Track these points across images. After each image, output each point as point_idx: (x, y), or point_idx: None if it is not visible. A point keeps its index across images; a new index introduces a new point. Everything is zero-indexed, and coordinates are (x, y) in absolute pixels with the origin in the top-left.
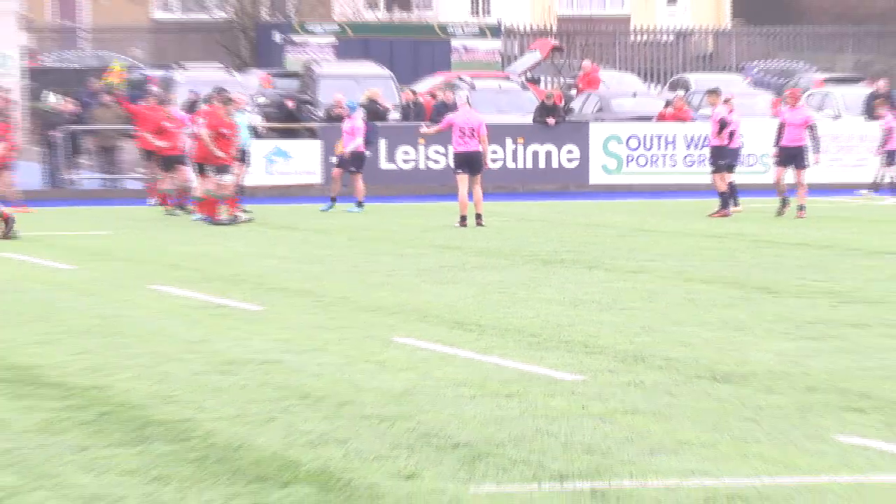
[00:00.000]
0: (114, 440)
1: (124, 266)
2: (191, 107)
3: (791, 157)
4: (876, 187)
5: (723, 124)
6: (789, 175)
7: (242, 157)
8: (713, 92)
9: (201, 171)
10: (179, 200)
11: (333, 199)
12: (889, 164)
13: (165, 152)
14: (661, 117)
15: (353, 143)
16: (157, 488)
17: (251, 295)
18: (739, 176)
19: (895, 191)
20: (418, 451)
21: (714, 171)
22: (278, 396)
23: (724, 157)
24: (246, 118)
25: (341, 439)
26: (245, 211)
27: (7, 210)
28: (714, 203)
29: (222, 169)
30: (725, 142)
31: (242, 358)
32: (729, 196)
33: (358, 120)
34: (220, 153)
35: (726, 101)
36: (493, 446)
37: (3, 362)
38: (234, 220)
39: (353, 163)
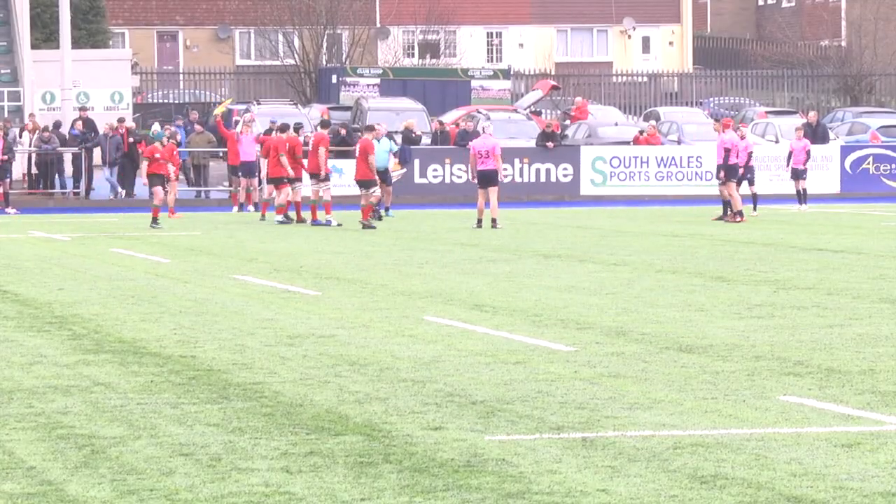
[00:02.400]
0: (201, 398)
1: (211, 259)
2: (267, 132)
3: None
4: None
5: (728, 149)
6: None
7: (385, 176)
8: (717, 120)
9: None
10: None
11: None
12: (795, 178)
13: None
14: (636, 141)
15: (390, 162)
16: (235, 437)
17: (311, 282)
18: (697, 188)
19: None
20: (444, 408)
21: (722, 184)
22: (332, 363)
23: (735, 174)
24: (386, 144)
25: (382, 398)
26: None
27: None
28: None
29: (369, 184)
30: (732, 161)
31: (304, 333)
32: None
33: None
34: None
35: (736, 129)
36: (503, 403)
37: (113, 336)
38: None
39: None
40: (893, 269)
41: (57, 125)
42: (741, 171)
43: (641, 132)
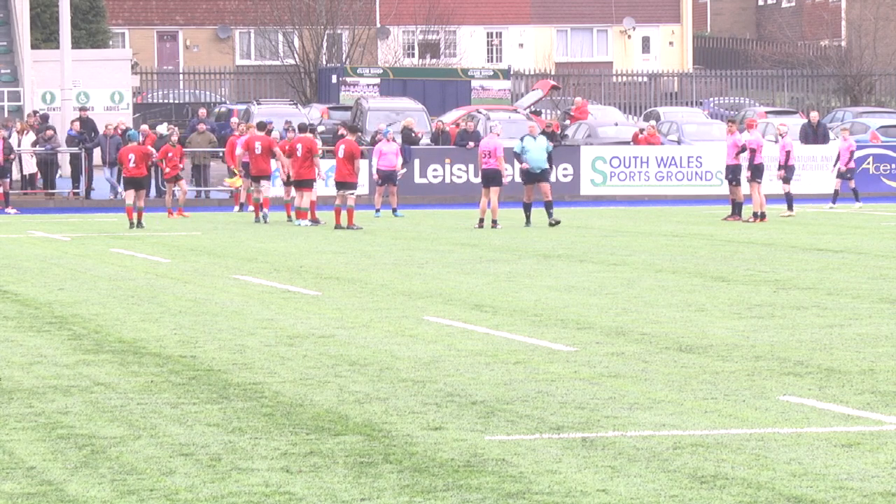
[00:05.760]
0: (201, 398)
1: (211, 259)
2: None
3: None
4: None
5: (742, 148)
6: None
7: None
8: (731, 121)
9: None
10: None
11: (377, 209)
12: (840, 177)
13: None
14: (636, 140)
15: (398, 161)
16: (235, 437)
17: (311, 282)
18: (704, 188)
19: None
20: (444, 408)
21: (733, 185)
22: (332, 364)
23: (737, 174)
24: (543, 142)
25: (382, 398)
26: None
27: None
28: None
29: (349, 186)
30: (740, 162)
31: (304, 333)
32: (741, 204)
33: (394, 144)
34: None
35: (750, 127)
36: (503, 403)
37: (113, 336)
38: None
39: (393, 178)
40: (893, 269)
41: (45, 118)
42: (781, 171)
43: (641, 130)
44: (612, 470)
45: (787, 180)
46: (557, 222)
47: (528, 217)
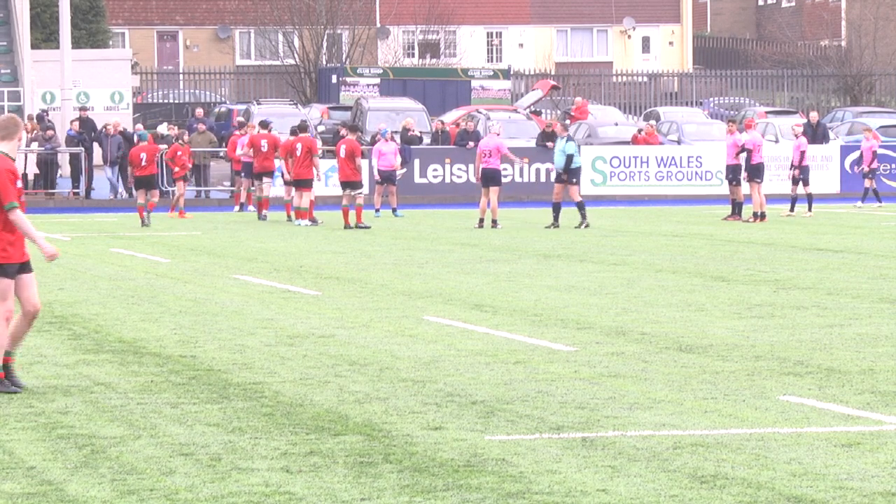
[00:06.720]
0: (201, 398)
1: (211, 259)
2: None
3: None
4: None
5: (742, 148)
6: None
7: (572, 177)
8: (731, 121)
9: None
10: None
11: (377, 209)
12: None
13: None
14: (635, 140)
15: (397, 161)
16: (235, 437)
17: (311, 282)
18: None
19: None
20: (444, 408)
21: (733, 185)
22: (332, 363)
23: (738, 174)
24: (560, 144)
25: (382, 398)
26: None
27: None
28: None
29: (355, 185)
30: (740, 162)
31: (304, 333)
32: (741, 204)
33: (392, 144)
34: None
35: (748, 127)
36: (503, 403)
37: (112, 336)
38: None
39: (392, 178)
40: (893, 269)
41: (40, 118)
42: (796, 171)
43: (640, 131)
44: (612, 470)
45: (805, 181)
46: (556, 226)
47: (555, 217)
